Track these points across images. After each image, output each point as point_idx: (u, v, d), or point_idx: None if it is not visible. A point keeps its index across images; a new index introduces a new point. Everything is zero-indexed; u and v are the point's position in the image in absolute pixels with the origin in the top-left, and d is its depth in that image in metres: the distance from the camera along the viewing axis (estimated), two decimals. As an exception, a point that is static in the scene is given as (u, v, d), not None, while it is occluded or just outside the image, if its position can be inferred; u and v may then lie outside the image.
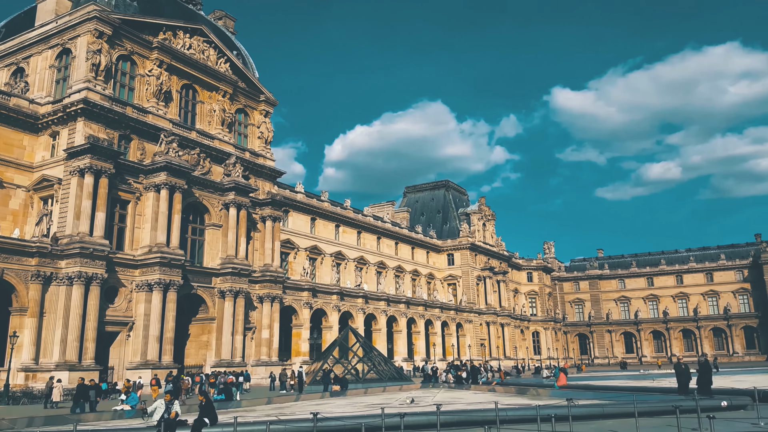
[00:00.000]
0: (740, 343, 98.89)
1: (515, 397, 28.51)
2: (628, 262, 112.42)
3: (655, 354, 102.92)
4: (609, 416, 19.30)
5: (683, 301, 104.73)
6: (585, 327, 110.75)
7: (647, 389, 30.39)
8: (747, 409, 19.91)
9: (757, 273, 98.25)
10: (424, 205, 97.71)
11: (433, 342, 75.41)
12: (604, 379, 44.86)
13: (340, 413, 20.86)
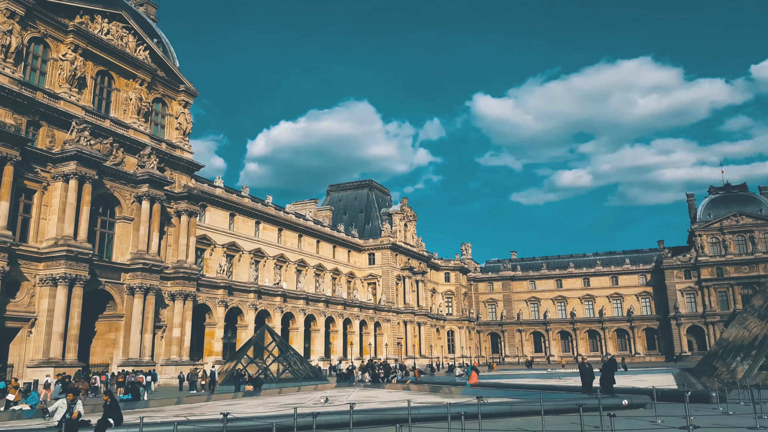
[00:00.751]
0: (642, 344, 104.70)
1: (428, 396, 28.99)
2: (539, 264, 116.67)
3: (562, 353, 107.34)
4: (517, 414, 19.94)
5: (590, 303, 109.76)
6: (497, 326, 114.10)
7: (554, 388, 31.62)
8: (646, 407, 20.91)
9: (659, 277, 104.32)
10: (347, 204, 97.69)
11: (350, 341, 75.51)
12: (513, 378, 46.38)
13: (252, 413, 20.58)
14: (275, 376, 44.55)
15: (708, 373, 35.82)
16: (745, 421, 16.57)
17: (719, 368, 33.57)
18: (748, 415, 17.45)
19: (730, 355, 34.15)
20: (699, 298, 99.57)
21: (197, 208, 50.69)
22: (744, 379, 22.57)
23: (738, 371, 26.22)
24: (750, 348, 29.00)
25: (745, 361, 27.22)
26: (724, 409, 19.66)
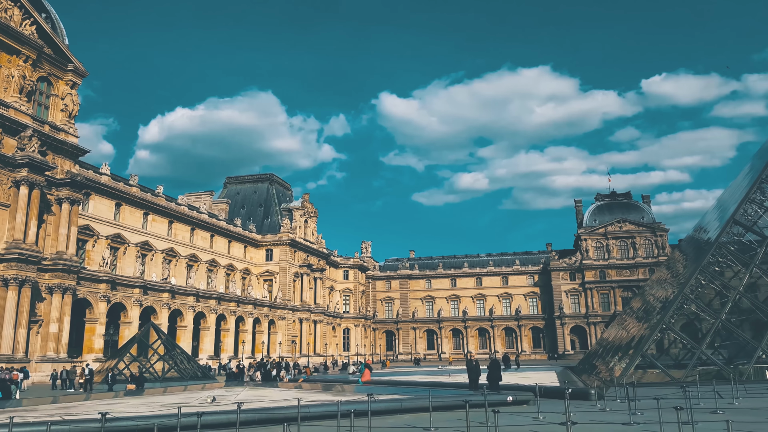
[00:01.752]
0: (528, 342, 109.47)
1: (320, 394, 28.61)
2: (436, 264, 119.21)
3: (453, 351, 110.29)
4: (406, 411, 19.97)
5: (481, 302, 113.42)
6: (393, 324, 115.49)
7: (443, 384, 32.10)
8: (530, 403, 21.45)
9: (546, 278, 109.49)
10: (245, 197, 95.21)
11: (242, 339, 73.54)
12: (406, 375, 46.88)
13: (133, 413, 19.51)
14: (160, 375, 42.64)
15: (588, 371, 37.74)
16: (620, 417, 17.32)
17: (599, 366, 35.45)
18: (623, 411, 18.27)
19: (609, 354, 36.16)
20: (582, 299, 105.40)
21: (80, 196, 47.46)
22: (621, 377, 23.77)
23: (616, 369, 27.71)
24: (627, 348, 30.79)
25: (622, 360, 28.83)
26: (601, 405, 20.54)
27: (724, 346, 32.75)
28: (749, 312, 31.16)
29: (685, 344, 30.08)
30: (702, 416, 16.64)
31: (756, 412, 17.54)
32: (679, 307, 28.22)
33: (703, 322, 31.46)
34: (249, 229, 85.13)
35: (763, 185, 31.30)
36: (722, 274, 31.55)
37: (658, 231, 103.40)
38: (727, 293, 29.29)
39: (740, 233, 31.62)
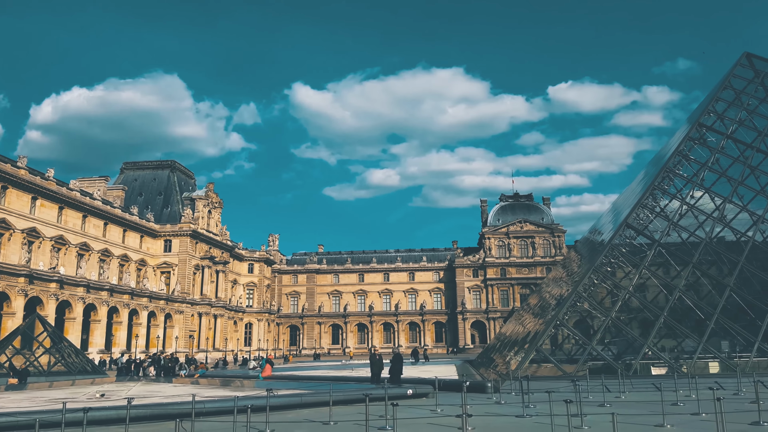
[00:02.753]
0: (431, 337, 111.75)
1: (218, 390, 27.74)
2: (344, 259, 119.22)
3: (358, 345, 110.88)
4: (307, 405, 19.65)
5: (387, 297, 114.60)
6: (298, 319, 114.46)
7: (346, 379, 31.97)
8: (429, 396, 21.76)
9: (451, 275, 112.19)
10: (144, 184, 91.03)
11: (136, 333, 70.26)
12: (308, 370, 46.46)
13: (14, 408, 18.41)
14: (45, 368, 40.02)
15: (486, 364, 38.78)
16: (514, 410, 17.77)
17: (497, 360, 36.49)
18: (517, 404, 18.77)
19: (506, 348, 37.30)
20: (484, 295, 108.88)
21: (-42, 175, 43.63)
22: (516, 371, 24.46)
23: (512, 363, 28.52)
24: (523, 342, 31.80)
25: (518, 354, 29.74)
26: (497, 398, 21.06)
27: (613, 343, 34.55)
28: (638, 311, 33.02)
29: (577, 340, 31.49)
30: (591, 409, 17.35)
31: (640, 405, 18.47)
32: (573, 304, 29.44)
33: (594, 319, 33.04)
34: (147, 218, 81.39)
35: (655, 192, 33.17)
36: (614, 274, 33.24)
37: (556, 232, 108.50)
38: (618, 292, 30.87)
39: (632, 236, 33.36)
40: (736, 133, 35.09)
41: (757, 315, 26.66)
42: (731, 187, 32.50)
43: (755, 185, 34.24)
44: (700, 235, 31.71)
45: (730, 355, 26.90)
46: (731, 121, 35.75)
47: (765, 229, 33.87)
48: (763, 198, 33.17)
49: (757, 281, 29.32)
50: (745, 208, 33.02)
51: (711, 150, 34.33)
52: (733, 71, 38.64)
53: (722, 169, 33.77)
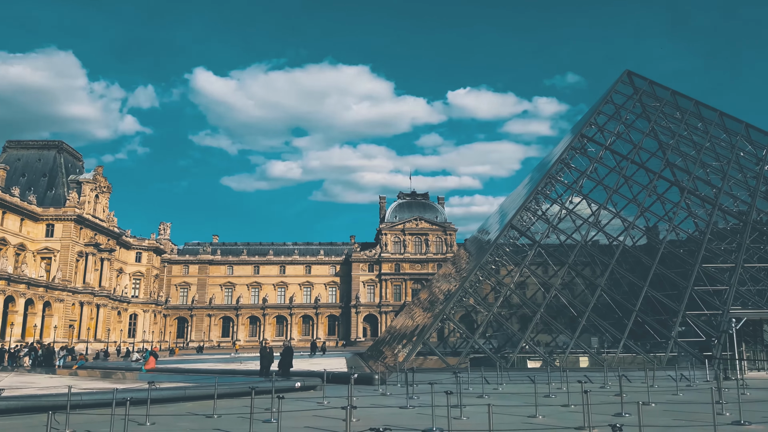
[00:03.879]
0: (324, 330, 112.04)
1: (97, 381, 26.60)
2: (240, 250, 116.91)
3: (249, 338, 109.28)
4: (190, 398, 19.27)
5: (282, 290, 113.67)
6: (186, 311, 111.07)
7: (233, 372, 31.62)
8: (317, 389, 21.87)
9: (347, 269, 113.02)
10: (28, 165, 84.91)
11: (12, 321, 65.61)
12: (195, 363, 45.40)
13: None
14: None
15: (376, 357, 39.60)
16: (398, 401, 18.37)
17: (386, 353, 37.35)
18: (402, 395, 19.39)
19: (396, 341, 38.26)
20: (378, 290, 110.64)
21: None
22: (403, 363, 25.21)
23: (400, 356, 29.39)
24: (411, 335, 32.81)
25: (406, 347, 30.66)
26: (383, 390, 21.62)
27: (495, 336, 36.36)
28: (518, 307, 34.94)
29: (461, 333, 32.88)
30: (470, 400, 18.26)
31: (515, 397, 19.60)
32: (459, 299, 30.74)
33: (479, 314, 34.62)
34: (28, 201, 76.03)
35: (538, 196, 35.20)
36: (498, 271, 34.98)
37: (449, 230, 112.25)
38: (500, 289, 32.54)
39: (515, 237, 35.23)
40: (614, 144, 37.84)
41: (624, 314, 28.97)
42: (606, 195, 35.10)
43: (628, 194, 37.18)
44: (577, 238, 33.99)
45: (599, 350, 29.09)
46: (610, 133, 38.51)
47: (635, 235, 36.88)
48: (634, 206, 36.07)
49: (626, 282, 31.89)
50: (617, 214, 35.72)
51: (591, 159, 36.84)
52: (614, 87, 41.60)
53: (600, 178, 36.37)
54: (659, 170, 36.00)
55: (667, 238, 33.66)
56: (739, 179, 37.61)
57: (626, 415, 14.91)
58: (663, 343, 27.28)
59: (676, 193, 35.52)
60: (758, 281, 30.59)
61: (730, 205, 35.68)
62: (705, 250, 30.97)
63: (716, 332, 26.67)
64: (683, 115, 40.41)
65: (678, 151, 38.03)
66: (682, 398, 18.86)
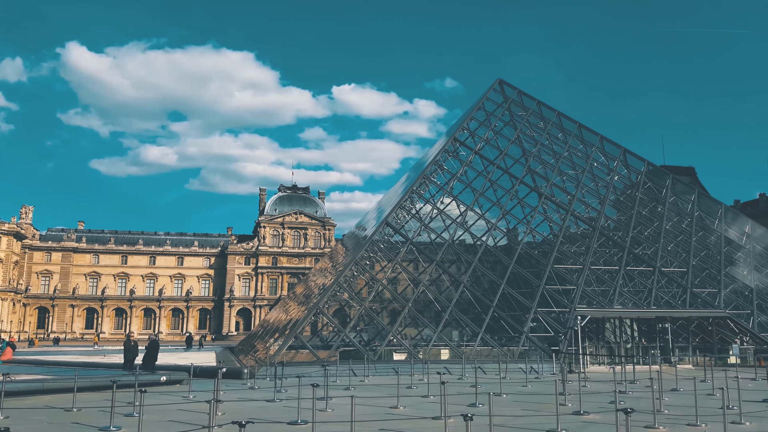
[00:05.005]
0: (194, 324, 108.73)
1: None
2: (107, 238, 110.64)
3: (114, 330, 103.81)
4: (49, 391, 18.50)
5: (152, 281, 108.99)
6: (48, 300, 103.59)
7: (96, 365, 30.35)
8: (183, 383, 21.53)
9: (222, 261, 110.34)
10: None
11: None
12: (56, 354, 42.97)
13: None
14: None
15: (247, 351, 39.43)
16: (266, 395, 18.64)
17: (258, 347, 37.33)
18: (270, 389, 19.63)
19: (268, 334, 38.32)
20: (253, 283, 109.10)
21: None
22: (274, 356, 25.46)
23: (271, 350, 29.56)
24: (284, 329, 33.06)
25: (278, 341, 30.89)
26: (251, 384, 21.76)
27: (366, 330, 37.49)
28: (389, 301, 36.26)
29: (334, 327, 33.62)
30: (337, 392, 18.85)
31: (380, 388, 20.42)
32: (333, 294, 31.45)
33: (352, 308, 35.56)
34: None
35: (412, 196, 36.62)
36: (372, 267, 36.05)
37: (328, 225, 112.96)
38: (373, 284, 33.62)
39: (390, 234, 36.50)
40: (483, 150, 40.09)
41: (483, 309, 30.97)
42: (474, 197, 37.24)
43: (493, 197, 39.69)
44: (446, 236, 35.80)
45: (459, 343, 30.89)
46: (480, 139, 40.72)
47: (497, 236, 39.37)
48: (497, 209, 38.57)
49: (486, 280, 34.08)
50: (482, 216, 38.03)
51: (461, 163, 38.87)
52: (486, 95, 43.95)
53: (469, 181, 38.51)
54: (521, 176, 38.59)
55: (525, 240, 36.40)
56: (592, 188, 41.19)
57: (480, 405, 15.97)
58: (516, 338, 29.47)
59: (535, 198, 38.31)
60: (603, 282, 33.76)
61: (582, 212, 39.01)
62: (557, 252, 33.72)
63: (563, 328, 29.23)
64: (546, 125, 43.44)
65: (539, 158, 40.95)
66: (530, 389, 20.53)
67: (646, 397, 15.08)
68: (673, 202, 41.91)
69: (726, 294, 33.43)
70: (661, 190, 42.24)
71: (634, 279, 33.88)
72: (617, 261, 34.22)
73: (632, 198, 40.22)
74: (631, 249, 34.92)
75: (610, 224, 40.11)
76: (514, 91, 44.95)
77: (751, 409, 14.87)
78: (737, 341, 31.23)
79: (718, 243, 38.43)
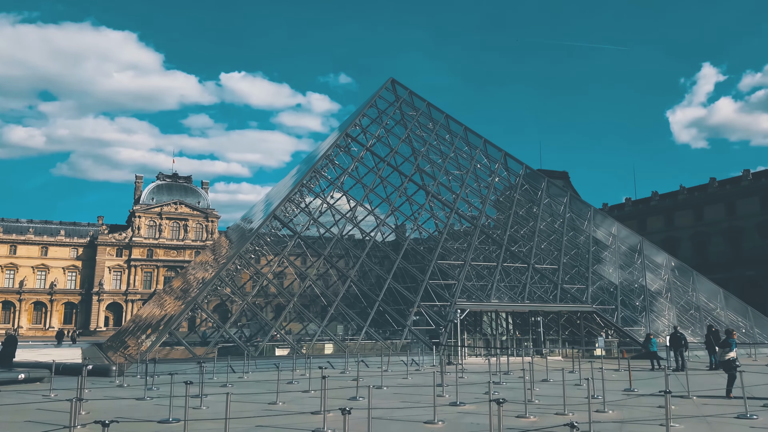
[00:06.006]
0: (59, 318, 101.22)
1: None
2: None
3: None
4: None
5: (12, 273, 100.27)
6: None
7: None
8: (44, 381, 20.17)
9: (92, 252, 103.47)
10: None
11: None
12: None
13: None
14: None
15: (116, 347, 37.14)
16: (136, 393, 17.57)
17: (129, 343, 35.23)
18: (141, 387, 18.55)
19: (141, 330, 36.31)
20: (125, 276, 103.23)
21: None
22: (146, 353, 24.10)
23: (144, 346, 27.97)
24: (158, 325, 31.43)
25: (151, 337, 29.29)
26: (121, 381, 20.46)
27: (248, 326, 36.51)
28: (274, 296, 35.49)
29: (213, 323, 32.41)
30: (213, 389, 18.15)
31: (259, 384, 19.92)
32: (214, 288, 30.25)
33: (234, 303, 34.42)
34: None
35: (302, 189, 36.02)
36: (258, 261, 35.12)
37: (211, 217, 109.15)
38: (258, 278, 32.73)
39: (278, 227, 35.68)
40: (374, 147, 40.32)
41: (368, 304, 31.09)
42: (364, 193, 37.39)
43: (382, 193, 40.02)
44: (335, 231, 35.67)
45: (344, 338, 30.83)
46: (372, 135, 40.92)
47: (385, 231, 39.72)
48: (386, 205, 38.93)
49: (373, 275, 34.27)
50: (372, 212, 38.25)
51: (353, 158, 38.87)
52: (379, 93, 44.24)
53: (359, 177, 38.63)
54: (410, 174, 39.19)
55: (411, 236, 36.99)
56: (474, 188, 42.65)
57: (360, 399, 15.96)
58: (399, 331, 29.84)
59: (423, 196, 39.05)
60: (482, 277, 35.01)
61: (465, 210, 40.27)
62: (441, 248, 34.55)
63: (444, 321, 29.97)
64: (435, 126, 44.49)
65: (427, 158, 41.83)
66: (410, 382, 20.81)
67: (519, 387, 15.68)
68: (548, 204, 44.24)
69: (593, 290, 35.67)
70: (537, 192, 44.45)
71: (511, 275, 35.38)
72: (495, 258, 35.57)
73: (511, 199, 41.99)
74: (508, 247, 36.44)
75: (491, 223, 41.69)
76: (405, 91, 45.58)
77: (613, 398, 15.83)
78: (603, 334, 33.42)
79: (587, 243, 40.99)
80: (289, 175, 49.25)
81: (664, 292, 39.57)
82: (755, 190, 71.40)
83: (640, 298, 37.28)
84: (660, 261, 43.86)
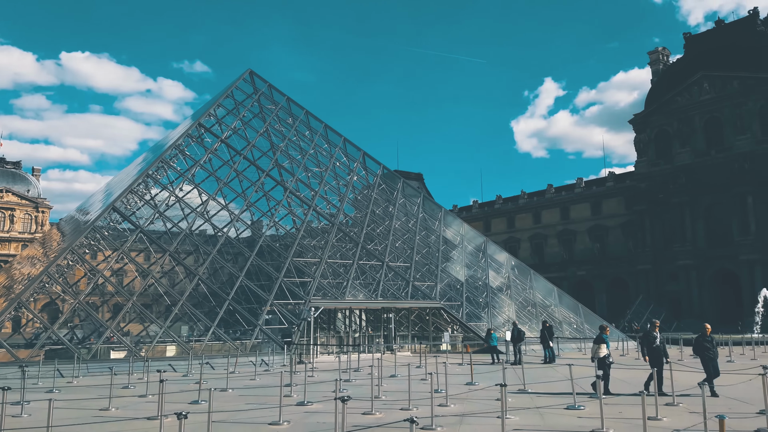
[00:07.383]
0: None
1: None
2: None
3: None
4: None
5: None
6: None
7: None
8: None
9: None
10: None
11: None
12: None
13: None
14: None
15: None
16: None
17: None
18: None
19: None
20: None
21: None
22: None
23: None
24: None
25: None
26: None
27: (81, 326, 33.59)
28: (111, 295, 32.96)
29: (40, 323, 29.44)
30: (37, 395, 16.43)
31: (91, 390, 18.29)
32: (42, 285, 27.46)
33: (66, 302, 31.52)
34: None
35: (147, 180, 33.81)
36: (94, 256, 32.44)
37: (42, 207, 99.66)
38: (93, 275, 30.20)
39: (117, 220, 33.16)
40: (230, 139, 38.84)
41: (218, 303, 29.84)
42: (217, 186, 35.84)
43: (238, 188, 38.72)
44: (183, 226, 33.75)
45: (189, 339, 29.34)
46: (228, 127, 39.41)
47: (239, 227, 38.50)
48: (241, 200, 37.66)
49: (225, 273, 32.98)
50: (226, 206, 36.80)
51: (206, 150, 37.13)
52: (236, 83, 42.78)
53: (213, 169, 36.97)
54: (268, 169, 38.22)
55: (267, 233, 36.08)
56: (333, 186, 42.60)
57: (202, 402, 15.27)
58: (250, 331, 28.94)
59: (281, 192, 38.28)
60: (338, 275, 34.99)
61: (323, 208, 40.09)
62: (298, 246, 34.08)
63: (297, 320, 29.52)
64: (295, 121, 43.82)
65: (286, 154, 41.09)
66: (258, 383, 20.17)
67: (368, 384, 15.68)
68: (403, 204, 45.28)
69: (441, 287, 36.97)
70: (393, 192, 45.33)
71: (366, 272, 35.72)
72: (352, 255, 35.72)
73: (368, 198, 42.44)
74: (365, 245, 36.76)
75: (348, 221, 41.87)
76: (264, 84, 44.49)
77: (456, 392, 16.33)
78: (449, 330, 34.72)
79: (438, 242, 42.45)
80: (133, 163, 46.20)
81: (505, 290, 41.98)
82: (586, 197, 78.43)
83: (483, 294, 39.21)
84: (502, 260, 46.47)
